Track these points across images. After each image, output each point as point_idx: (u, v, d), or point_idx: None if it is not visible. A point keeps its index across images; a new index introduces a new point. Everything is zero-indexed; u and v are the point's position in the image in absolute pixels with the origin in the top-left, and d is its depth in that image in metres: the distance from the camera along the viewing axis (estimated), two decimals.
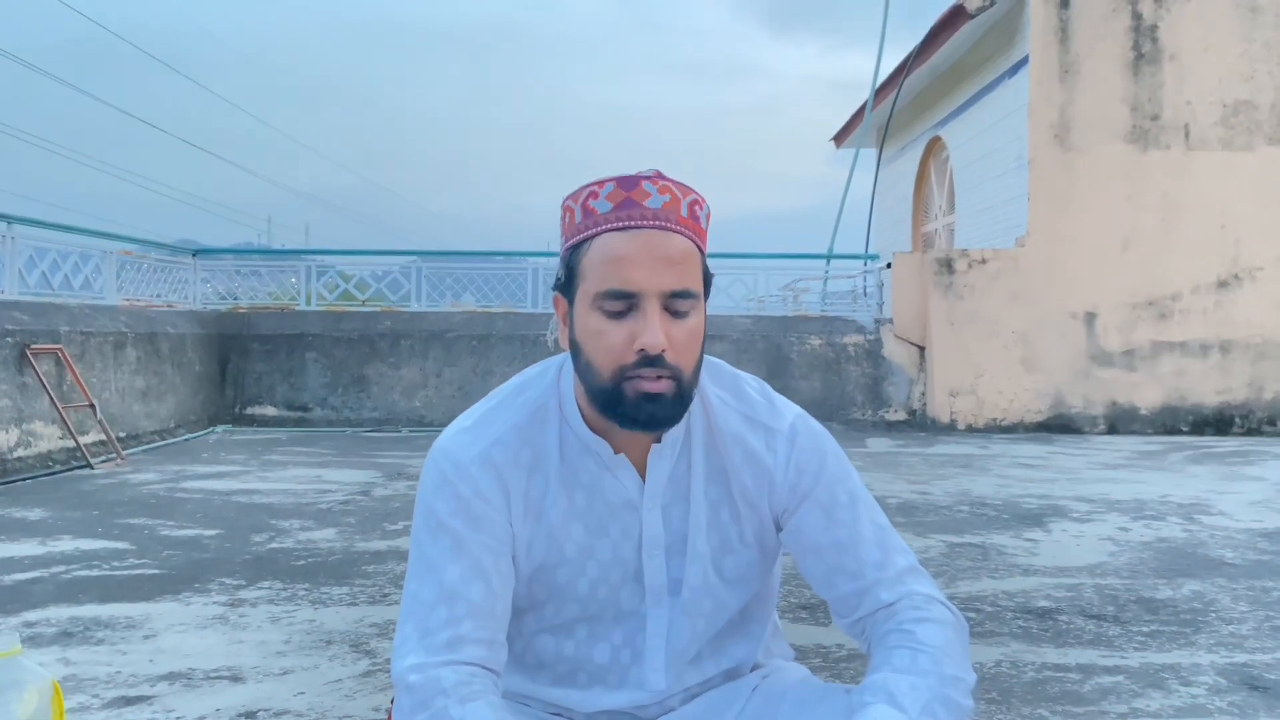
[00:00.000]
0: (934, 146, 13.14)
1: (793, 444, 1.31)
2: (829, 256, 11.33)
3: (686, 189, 1.23)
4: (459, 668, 1.17)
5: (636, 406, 1.17)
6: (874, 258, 11.31)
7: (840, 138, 16.16)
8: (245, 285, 10.29)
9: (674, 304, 1.17)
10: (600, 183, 1.21)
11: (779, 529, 1.33)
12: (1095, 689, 2.50)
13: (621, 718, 1.34)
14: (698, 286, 1.21)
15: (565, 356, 1.31)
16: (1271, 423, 9.32)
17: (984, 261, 9.34)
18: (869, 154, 15.31)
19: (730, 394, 1.33)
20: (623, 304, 1.16)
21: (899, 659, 1.19)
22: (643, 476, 1.27)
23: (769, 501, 1.31)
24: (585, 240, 1.20)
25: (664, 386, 1.17)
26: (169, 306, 9.16)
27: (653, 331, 1.15)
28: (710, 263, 1.28)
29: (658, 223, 1.18)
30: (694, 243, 1.21)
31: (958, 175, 11.97)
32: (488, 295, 10.20)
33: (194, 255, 9.98)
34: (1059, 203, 9.34)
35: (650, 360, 1.16)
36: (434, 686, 1.15)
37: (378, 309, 10.02)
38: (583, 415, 1.27)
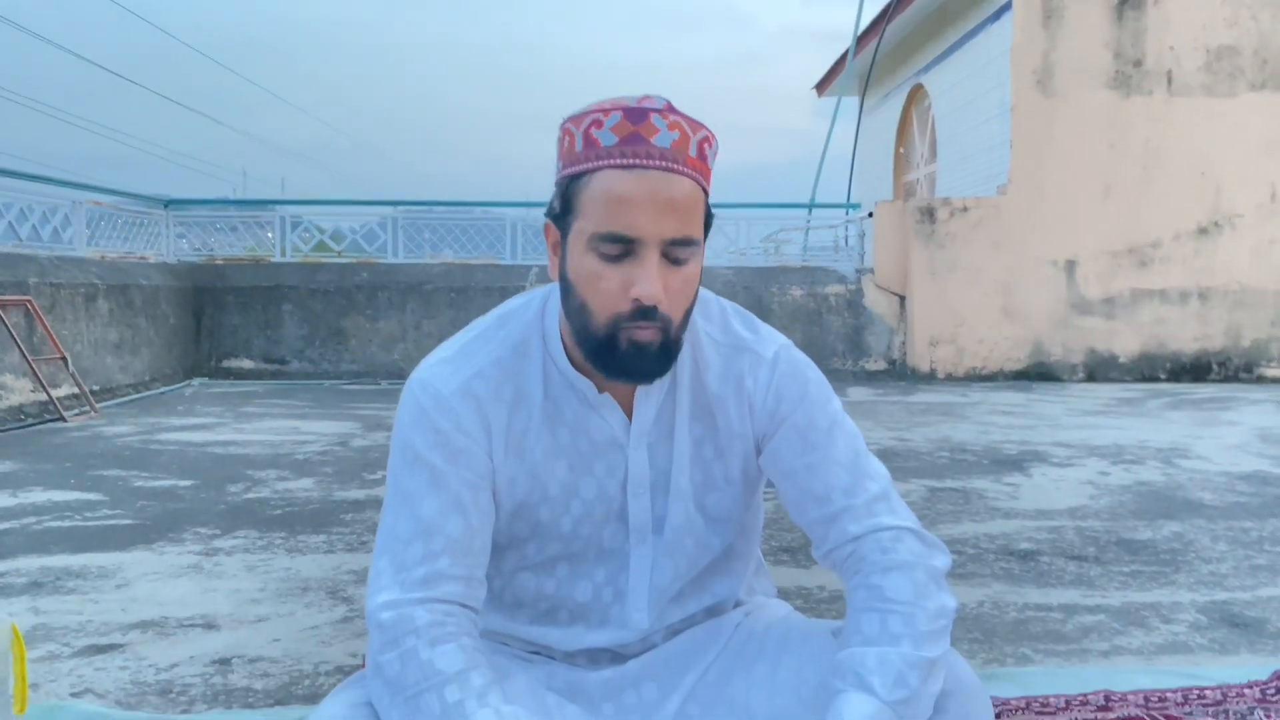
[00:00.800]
0: (916, 94, 13.03)
1: (774, 370, 1.28)
2: (811, 206, 11.26)
3: (697, 124, 1.15)
4: (433, 606, 1.13)
5: (626, 358, 1.13)
6: (855, 207, 11.25)
7: (822, 86, 16.01)
8: (221, 240, 10.12)
9: (674, 251, 1.12)
10: (605, 110, 1.13)
11: (759, 454, 1.30)
12: (1077, 627, 2.50)
13: (602, 655, 1.31)
14: (699, 233, 1.16)
15: (550, 289, 1.26)
16: (1248, 369, 9.38)
17: (965, 210, 9.29)
18: (851, 104, 15.17)
19: (717, 328, 1.30)
20: (621, 248, 1.11)
21: (868, 625, 1.16)
22: (628, 415, 1.24)
23: (751, 428, 1.28)
24: (585, 173, 1.13)
25: (652, 336, 1.13)
26: (141, 259, 9.00)
27: (650, 281, 1.10)
28: None
29: (664, 163, 1.11)
30: (700, 185, 1.15)
31: (939, 123, 11.89)
32: (467, 248, 10.08)
33: (165, 206, 9.79)
34: (1041, 150, 9.29)
35: (644, 312, 1.11)
36: (406, 625, 1.11)
37: (354, 261, 9.89)
38: (567, 353, 1.22)
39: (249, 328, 9.37)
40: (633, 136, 1.11)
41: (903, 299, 9.52)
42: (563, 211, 1.16)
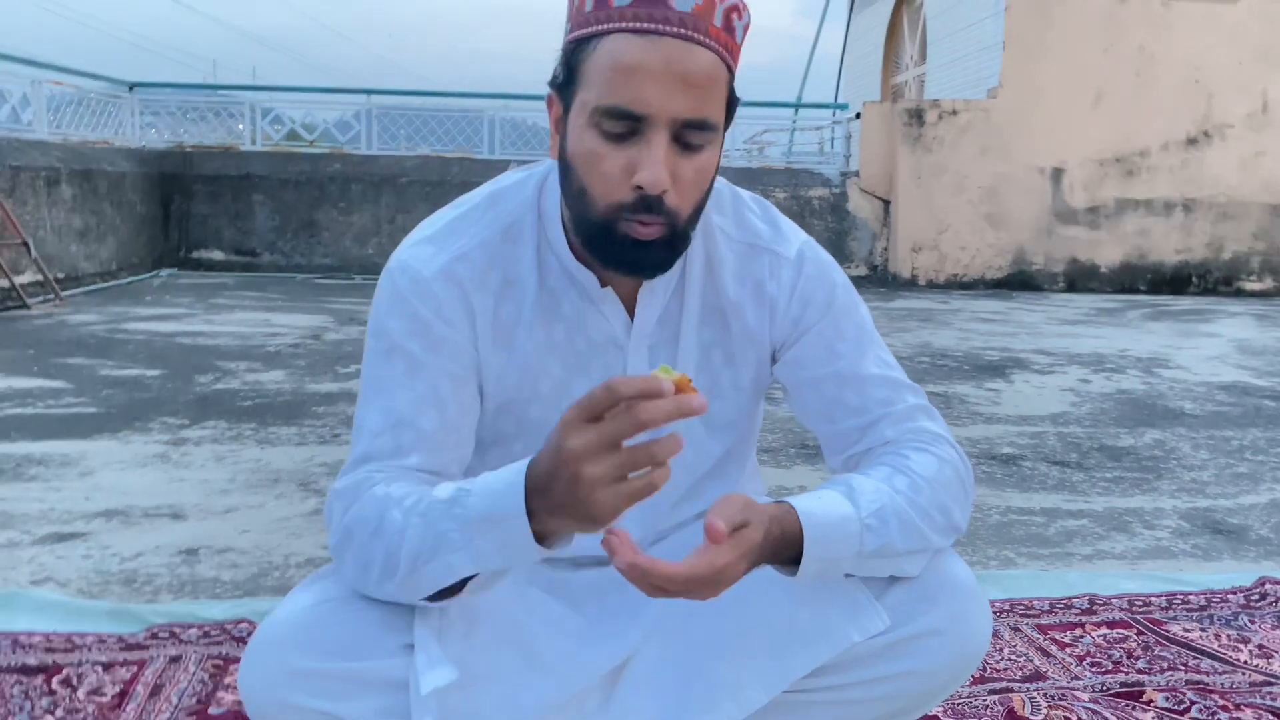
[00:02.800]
0: None
1: (799, 272, 1.17)
2: (797, 105, 11.02)
3: None
4: (389, 476, 1.04)
5: (624, 250, 1.02)
6: (843, 107, 11.01)
7: None
8: (192, 131, 9.76)
9: (687, 135, 0.99)
10: None
11: (774, 362, 1.21)
12: (1060, 531, 2.47)
13: (587, 559, 1.24)
14: (718, 116, 1.01)
15: (549, 167, 1.14)
16: (1227, 282, 9.37)
17: (954, 113, 9.11)
18: (840, 4, 14.77)
19: (731, 221, 1.18)
20: (625, 125, 0.97)
21: (877, 471, 1.10)
22: (631, 313, 1.13)
23: (769, 335, 1.18)
24: (593, 36, 0.99)
25: (655, 233, 1.00)
26: (106, 144, 8.70)
27: (655, 167, 0.97)
28: None
29: (683, 30, 0.97)
30: (724, 60, 1.01)
31: (931, 23, 11.58)
32: (443, 141, 9.80)
33: (130, 89, 9.43)
34: (1033, 53, 9.07)
35: (647, 203, 0.98)
36: (362, 486, 1.03)
37: (326, 151, 9.61)
38: (568, 240, 1.11)
39: (219, 218, 9.13)
40: None
41: (887, 204, 9.39)
42: (566, 80, 1.03)
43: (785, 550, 1.03)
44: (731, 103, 1.04)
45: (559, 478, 0.86)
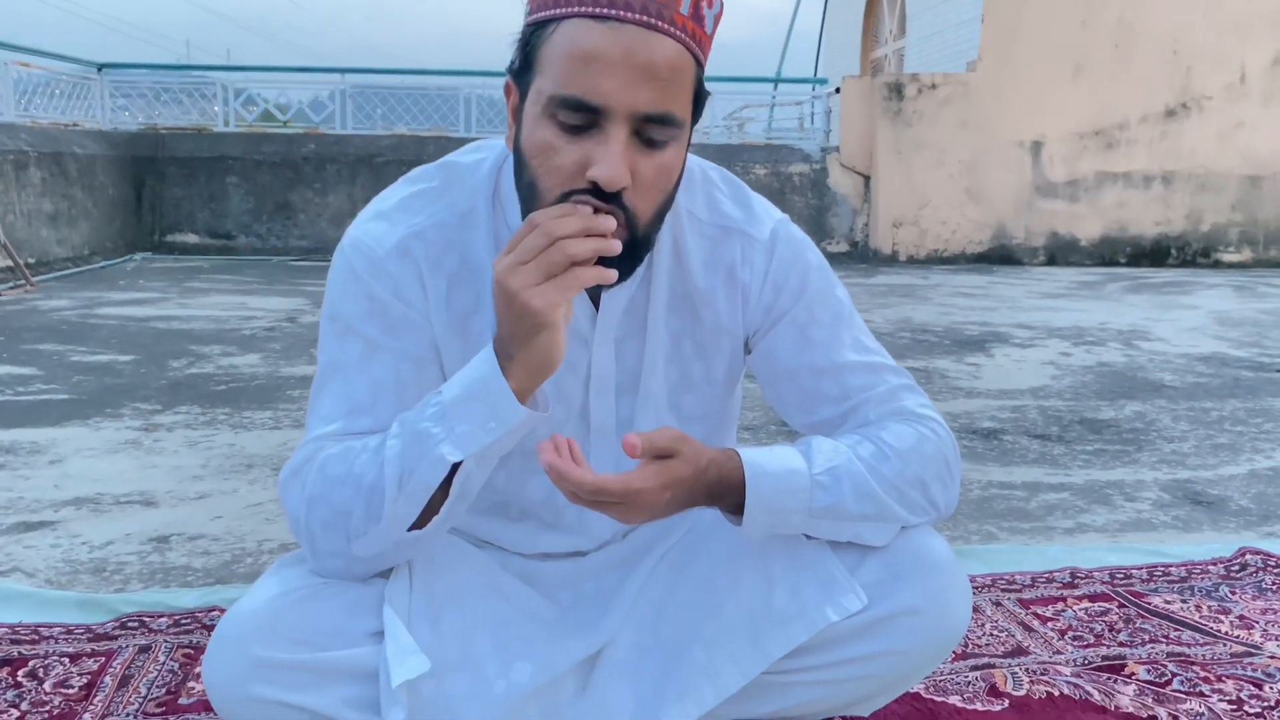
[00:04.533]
0: None
1: (771, 255, 1.13)
2: (776, 80, 10.96)
3: None
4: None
5: None
6: (822, 82, 10.95)
7: None
8: (165, 113, 9.60)
9: (648, 130, 0.93)
10: None
11: (748, 351, 1.17)
12: (1041, 505, 2.47)
13: (559, 555, 1.21)
14: (684, 112, 0.96)
15: (506, 149, 1.10)
16: (1205, 254, 9.41)
17: (934, 87, 9.08)
18: None
19: (702, 204, 1.13)
20: (582, 118, 0.92)
21: (846, 438, 1.08)
22: (595, 304, 1.08)
23: (742, 323, 1.14)
24: (550, 21, 0.94)
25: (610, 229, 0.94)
26: (74, 125, 8.55)
27: (612, 163, 0.91)
28: None
29: (647, 18, 0.91)
30: (691, 51, 0.95)
31: None
32: (419, 119, 9.70)
33: (99, 70, 9.28)
34: (1012, 26, 9.04)
35: (602, 193, 0.92)
36: (315, 456, 1.02)
37: (301, 131, 9.49)
38: None
39: (192, 201, 9.02)
40: None
41: (867, 179, 9.36)
42: (523, 66, 0.98)
43: (728, 496, 1.01)
44: (699, 97, 0.99)
45: (499, 308, 0.92)
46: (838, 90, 9.52)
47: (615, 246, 0.89)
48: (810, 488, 1.02)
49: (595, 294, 1.09)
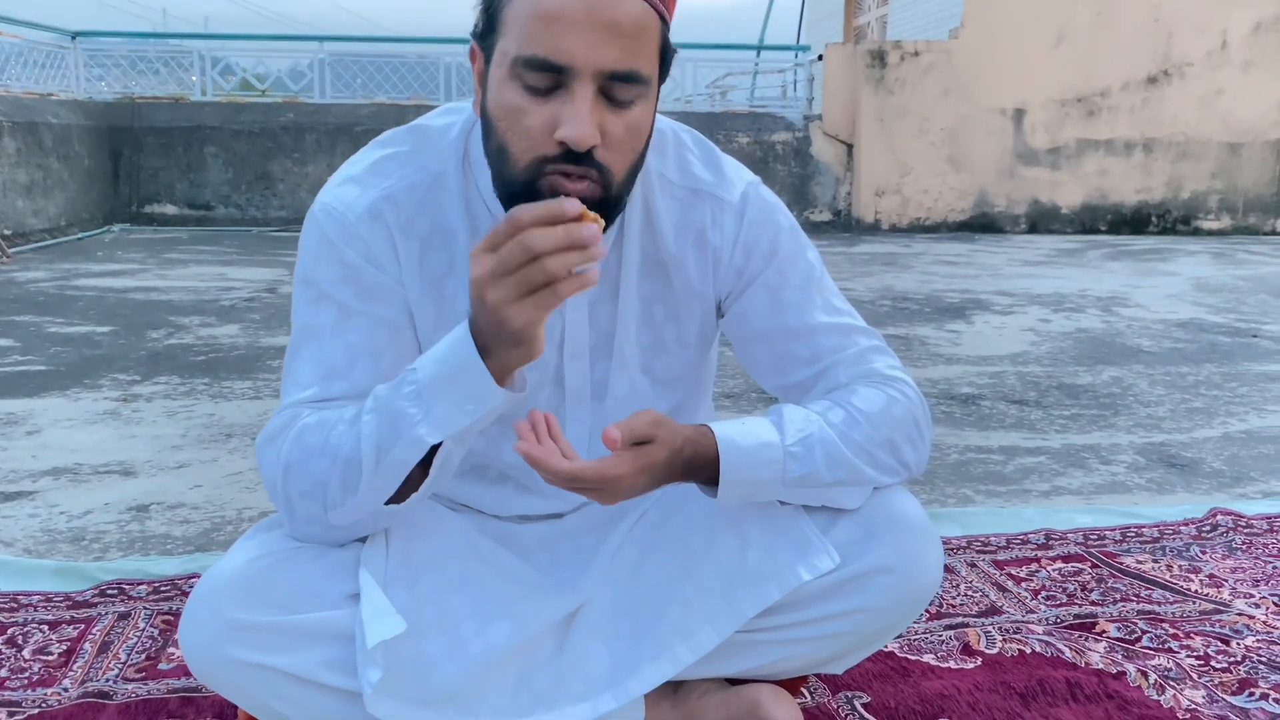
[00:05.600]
0: None
1: (742, 218, 1.12)
2: (759, 48, 10.90)
3: None
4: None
5: None
6: (805, 49, 10.90)
7: None
8: (142, 83, 9.46)
9: (614, 89, 0.92)
10: None
11: (720, 315, 1.17)
12: (1018, 469, 2.49)
13: (536, 518, 1.22)
14: (650, 69, 0.95)
15: (475, 113, 1.09)
16: (1185, 222, 9.45)
17: (916, 54, 9.04)
18: None
19: (673, 166, 1.12)
20: (548, 78, 0.91)
21: (816, 404, 1.08)
22: None
23: (713, 286, 1.14)
24: None
25: (584, 189, 0.93)
26: (50, 96, 8.43)
27: (579, 121, 0.90)
28: None
29: None
30: (655, 9, 0.94)
31: None
32: (399, 88, 9.61)
33: (73, 38, 9.14)
34: None
35: (574, 155, 0.92)
36: (292, 422, 1.02)
37: (279, 101, 9.39)
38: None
39: (170, 171, 8.92)
40: None
41: (850, 148, 9.34)
42: (486, 29, 0.97)
43: (703, 471, 1.02)
44: (666, 55, 0.98)
45: (474, 307, 0.89)
46: (820, 58, 9.47)
47: (597, 257, 0.85)
48: (784, 459, 1.03)
49: None
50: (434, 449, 0.97)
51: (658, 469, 0.98)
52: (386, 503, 0.99)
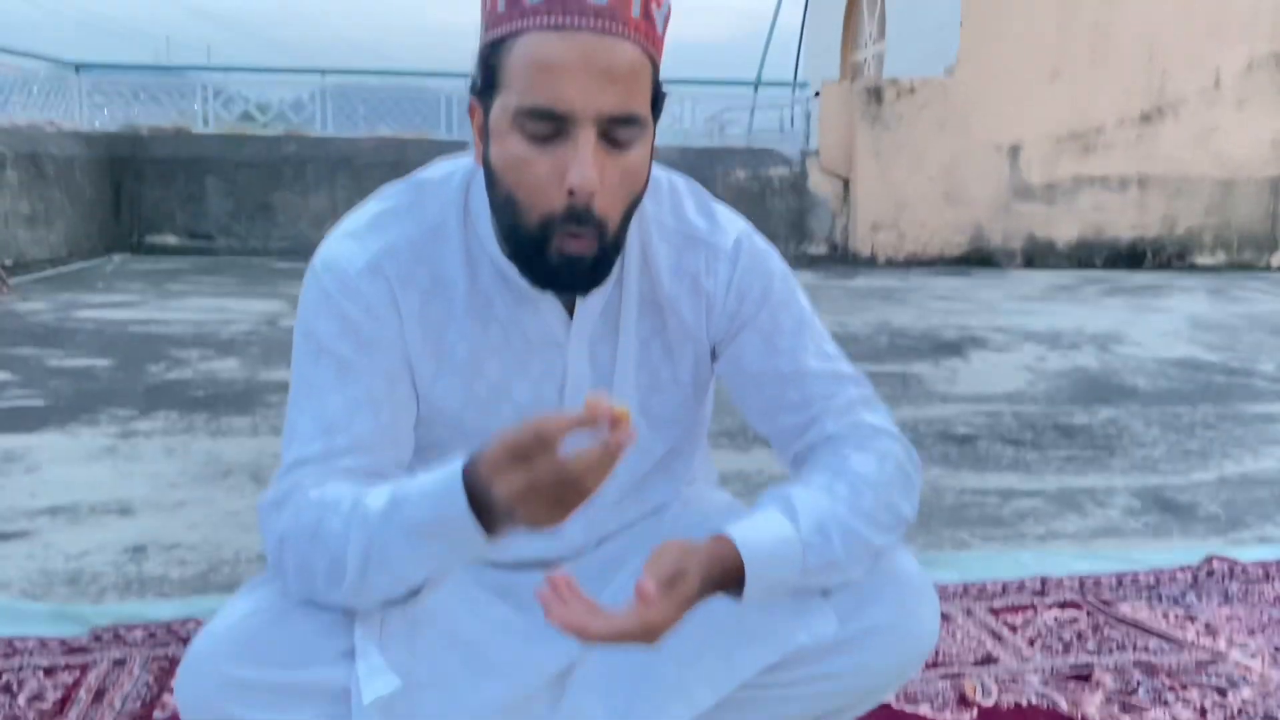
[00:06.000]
0: None
1: (735, 265, 1.14)
2: (757, 84, 11.00)
3: None
4: (321, 480, 1.02)
5: (557, 270, 0.99)
6: (803, 86, 11.00)
7: None
8: (144, 111, 9.53)
9: (615, 131, 0.95)
10: None
11: (715, 358, 1.19)
12: (1014, 512, 2.49)
13: (533, 564, 1.22)
14: (645, 110, 0.98)
15: (475, 163, 1.11)
16: (1181, 257, 9.50)
17: (913, 91, 9.12)
18: None
19: (669, 212, 1.15)
20: (550, 126, 0.94)
21: (815, 478, 1.08)
22: (569, 310, 1.10)
23: (707, 330, 1.15)
24: (508, 36, 0.96)
25: (584, 247, 0.97)
26: (51, 124, 8.49)
27: (584, 166, 0.93)
28: None
29: (601, 23, 0.94)
30: (646, 52, 0.98)
31: (889, 1, 11.58)
32: (400, 121, 9.68)
33: (76, 70, 9.22)
34: (990, 31, 9.10)
35: (577, 214, 0.95)
36: (295, 490, 1.01)
37: (281, 133, 9.45)
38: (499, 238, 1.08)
39: (171, 201, 8.96)
40: None
41: (846, 182, 9.40)
42: (485, 85, 1.00)
43: (728, 581, 1.01)
44: (658, 96, 1.02)
45: (493, 506, 0.87)
46: (817, 94, 9.56)
47: (624, 445, 0.83)
48: (803, 551, 1.03)
49: (569, 301, 1.10)
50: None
51: (693, 598, 0.98)
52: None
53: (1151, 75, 9.25)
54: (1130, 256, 9.45)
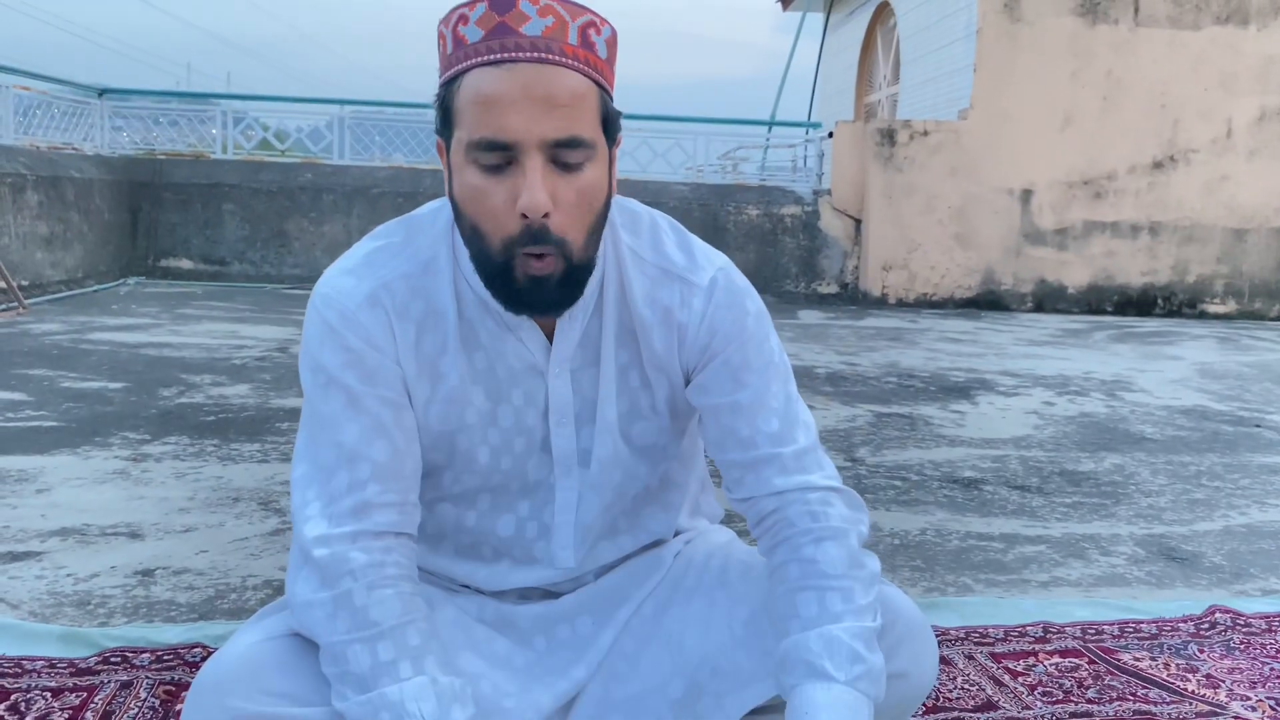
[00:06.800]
0: (882, 13, 12.79)
1: (710, 300, 1.16)
2: (770, 123, 11.09)
3: (579, 8, 1.02)
4: (369, 544, 1.05)
5: (524, 292, 1.03)
6: (816, 126, 11.09)
7: (786, 0, 15.66)
8: (162, 135, 9.67)
9: (562, 155, 1.00)
10: (471, 3, 1.01)
11: (687, 386, 1.21)
12: (1018, 558, 2.50)
13: (533, 593, 1.24)
14: (591, 132, 1.02)
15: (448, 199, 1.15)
16: (1191, 305, 9.51)
17: (925, 134, 9.20)
18: (816, 20, 14.91)
19: (648, 245, 1.18)
20: (499, 156, 0.99)
21: (805, 606, 1.08)
22: (549, 338, 1.13)
23: (679, 361, 1.17)
24: (456, 76, 1.01)
25: (549, 267, 1.01)
26: (74, 149, 8.61)
27: (532, 191, 0.98)
28: (648, 126, 1.09)
29: (537, 54, 0.99)
30: (589, 77, 1.02)
31: (904, 44, 11.70)
32: (416, 152, 9.78)
33: (100, 95, 9.35)
34: (1004, 76, 9.18)
35: (534, 234, 1.00)
36: (341, 566, 1.03)
37: (298, 161, 9.56)
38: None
39: (188, 226, 9.06)
40: (499, 28, 0.99)
41: (858, 222, 9.46)
42: (443, 124, 1.05)
43: None
44: (610, 119, 1.05)
45: None
46: (831, 134, 9.63)
47: None
48: (857, 703, 1.03)
49: (550, 327, 1.13)
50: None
51: None
52: None
53: (1163, 124, 9.31)
54: (1141, 303, 9.47)
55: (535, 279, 1.02)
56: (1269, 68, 9.38)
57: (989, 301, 9.35)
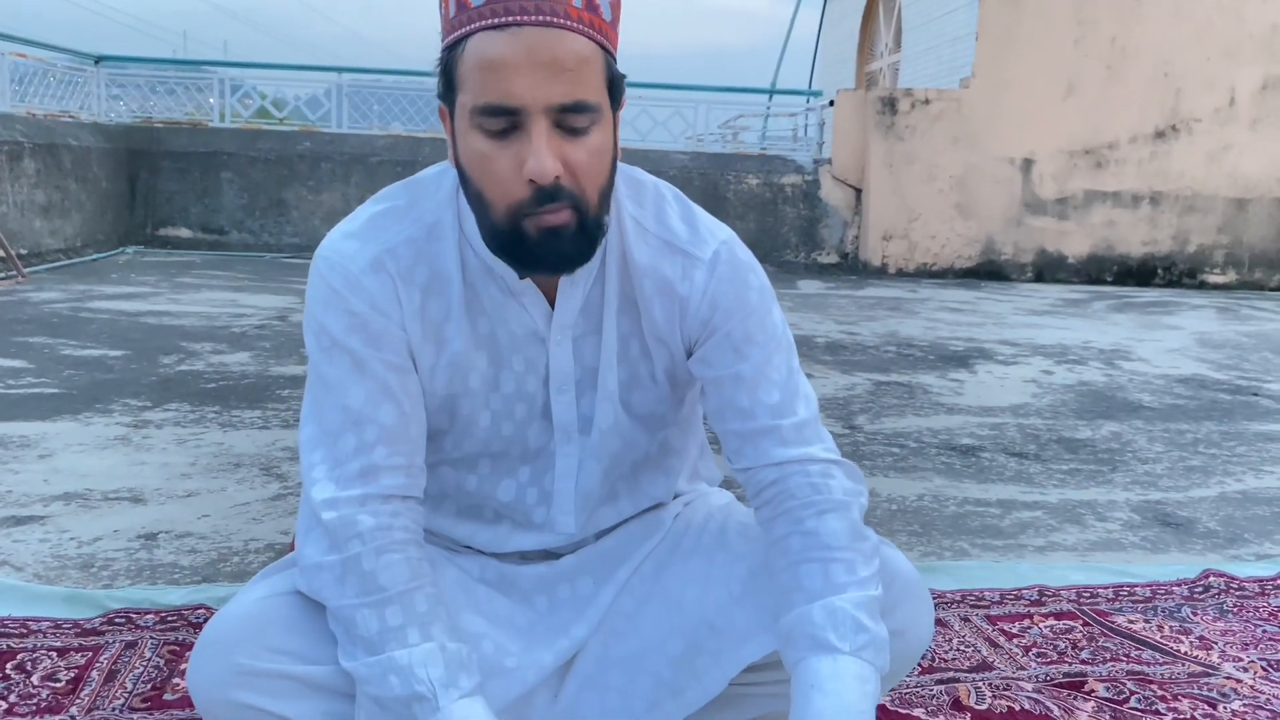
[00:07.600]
0: None
1: (712, 273, 1.15)
2: (771, 92, 11.02)
3: None
4: (377, 507, 1.05)
5: (540, 247, 1.01)
6: (817, 94, 11.02)
7: None
8: (160, 104, 9.61)
9: (568, 119, 0.98)
10: None
11: (689, 357, 1.21)
12: (1014, 523, 2.52)
13: (534, 555, 1.25)
14: (598, 96, 1.00)
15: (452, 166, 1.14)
16: (1191, 275, 9.50)
17: (927, 102, 9.15)
18: None
19: (651, 216, 1.17)
20: (504, 121, 0.98)
21: (809, 578, 1.08)
22: (552, 304, 1.13)
23: (680, 333, 1.17)
24: (459, 40, 0.99)
25: (564, 218, 1.00)
26: (71, 117, 8.56)
27: (539, 156, 0.97)
28: (648, 95, 1.07)
29: (541, 17, 0.96)
30: (594, 40, 1.00)
31: (906, 11, 11.61)
32: (415, 120, 9.73)
33: (96, 63, 9.29)
34: (1006, 44, 9.12)
35: (546, 193, 0.98)
36: (350, 529, 1.04)
37: (296, 129, 9.51)
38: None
39: (186, 195, 9.03)
40: None
41: (858, 192, 9.43)
42: (446, 89, 1.03)
43: None
44: (615, 83, 1.04)
45: None
46: (832, 103, 9.58)
47: None
48: (864, 671, 1.03)
49: (552, 293, 1.13)
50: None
51: None
52: None
53: (1166, 93, 9.26)
54: (1141, 272, 9.46)
55: (550, 230, 1.00)
56: (1273, 36, 9.31)
57: (989, 271, 9.34)
